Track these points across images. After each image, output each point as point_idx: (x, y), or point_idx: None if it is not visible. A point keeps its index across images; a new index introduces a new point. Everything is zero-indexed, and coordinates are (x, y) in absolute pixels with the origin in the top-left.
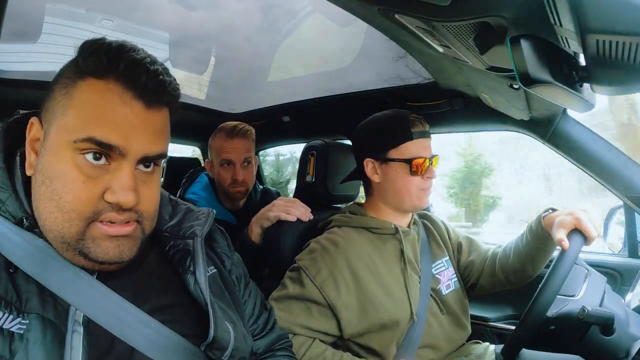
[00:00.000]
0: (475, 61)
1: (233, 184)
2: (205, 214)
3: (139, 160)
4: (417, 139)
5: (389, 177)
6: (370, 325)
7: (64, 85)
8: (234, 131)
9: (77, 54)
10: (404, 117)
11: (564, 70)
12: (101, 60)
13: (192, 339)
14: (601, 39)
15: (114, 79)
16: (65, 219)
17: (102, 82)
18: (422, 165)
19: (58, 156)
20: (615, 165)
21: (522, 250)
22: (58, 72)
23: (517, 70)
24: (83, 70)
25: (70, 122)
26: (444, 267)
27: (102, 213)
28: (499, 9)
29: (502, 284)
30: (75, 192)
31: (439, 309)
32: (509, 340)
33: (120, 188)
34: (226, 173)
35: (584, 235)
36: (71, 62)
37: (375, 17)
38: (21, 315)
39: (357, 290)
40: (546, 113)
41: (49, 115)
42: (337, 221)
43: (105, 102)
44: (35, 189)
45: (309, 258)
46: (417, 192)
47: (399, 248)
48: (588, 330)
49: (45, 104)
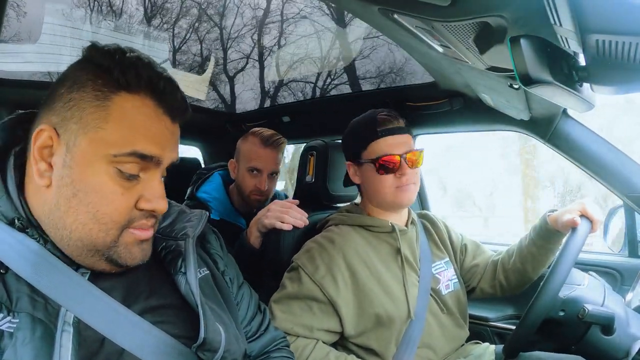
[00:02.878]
0: (475, 61)
1: (256, 192)
2: (198, 216)
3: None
4: (383, 137)
5: (365, 178)
6: (367, 321)
7: (95, 97)
8: (270, 141)
9: (110, 64)
10: (372, 118)
11: (564, 70)
12: (141, 76)
13: (183, 340)
14: (601, 39)
15: (150, 96)
16: (102, 229)
17: (138, 97)
18: (390, 163)
19: (92, 168)
20: (615, 165)
21: (525, 249)
22: (73, 77)
23: (517, 70)
24: (121, 85)
25: (109, 136)
26: (444, 268)
27: (134, 220)
28: (499, 9)
29: (502, 287)
30: (115, 204)
31: (439, 308)
32: (521, 321)
33: (154, 196)
34: (251, 180)
35: (590, 222)
36: (97, 69)
37: (375, 17)
38: (11, 314)
39: (354, 286)
40: (546, 113)
41: (73, 124)
42: (334, 220)
43: (144, 117)
44: (62, 202)
45: (306, 256)
46: (392, 190)
47: (396, 246)
48: (588, 330)
49: (60, 110)
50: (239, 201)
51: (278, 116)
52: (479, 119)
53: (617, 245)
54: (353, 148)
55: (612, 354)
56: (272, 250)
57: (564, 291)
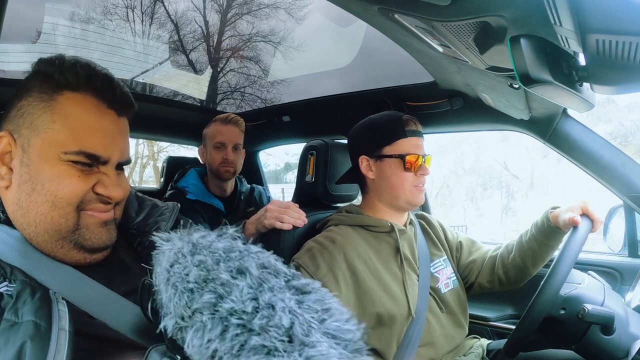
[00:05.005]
0: (475, 61)
1: (223, 163)
2: (170, 209)
3: (115, 167)
4: (410, 137)
5: (384, 173)
6: (368, 320)
7: (40, 98)
8: (228, 119)
9: (51, 69)
10: (398, 117)
11: (564, 70)
12: (79, 75)
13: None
14: (601, 39)
15: (90, 93)
16: (61, 214)
17: (79, 95)
18: (415, 162)
19: (48, 163)
20: (615, 165)
21: (525, 245)
22: (23, 87)
23: (517, 70)
24: (61, 85)
25: (57, 136)
26: (442, 266)
27: (89, 203)
28: (499, 8)
29: (500, 282)
30: (71, 187)
31: (439, 307)
32: (522, 319)
33: (110, 184)
34: (218, 154)
35: (591, 221)
36: (42, 76)
37: (375, 17)
38: (7, 280)
39: (355, 285)
40: (546, 113)
41: (25, 129)
42: (334, 220)
43: (88, 114)
44: (23, 198)
45: (307, 256)
46: (411, 188)
47: (395, 246)
48: (588, 330)
49: (14, 117)
50: (213, 185)
51: (278, 116)
52: (479, 118)
53: (617, 245)
54: (374, 142)
55: (612, 353)
56: (272, 250)
57: (565, 289)
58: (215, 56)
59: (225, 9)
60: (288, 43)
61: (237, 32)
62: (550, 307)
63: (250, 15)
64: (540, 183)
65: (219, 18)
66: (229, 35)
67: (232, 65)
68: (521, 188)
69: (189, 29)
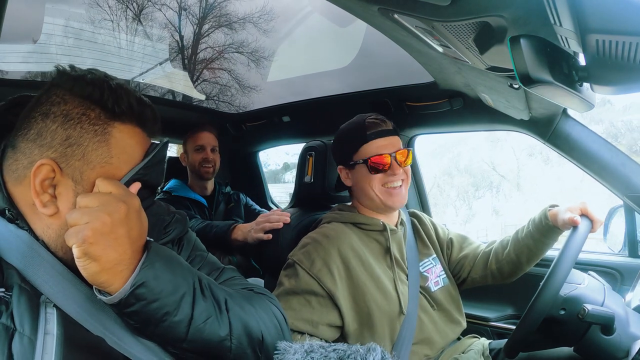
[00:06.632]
0: (475, 61)
1: (204, 162)
2: (154, 214)
3: None
4: (373, 139)
5: (356, 179)
6: (361, 315)
7: (94, 132)
8: (204, 127)
9: (99, 95)
10: (361, 122)
11: (564, 70)
12: (132, 105)
13: None
14: (601, 39)
15: (136, 123)
16: None
17: (130, 126)
18: (380, 163)
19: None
20: (615, 165)
21: (521, 241)
22: (62, 112)
23: (517, 70)
24: (115, 115)
25: (115, 172)
26: (431, 264)
27: None
28: (499, 9)
29: (493, 276)
30: None
31: (430, 305)
32: (521, 321)
33: None
34: (199, 155)
35: (590, 221)
36: (89, 103)
37: (375, 17)
38: (4, 286)
39: (349, 279)
40: (546, 113)
41: (76, 161)
42: (327, 218)
43: (139, 147)
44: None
45: (302, 252)
46: (381, 189)
47: (386, 245)
48: (588, 330)
49: (58, 146)
50: (195, 186)
51: (278, 116)
52: (479, 119)
53: (617, 245)
54: (344, 152)
55: (612, 353)
56: (271, 249)
57: (565, 290)
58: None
59: (200, 20)
60: (260, 55)
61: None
62: (551, 307)
63: (227, 28)
64: (527, 183)
65: (193, 32)
66: (204, 48)
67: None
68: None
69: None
